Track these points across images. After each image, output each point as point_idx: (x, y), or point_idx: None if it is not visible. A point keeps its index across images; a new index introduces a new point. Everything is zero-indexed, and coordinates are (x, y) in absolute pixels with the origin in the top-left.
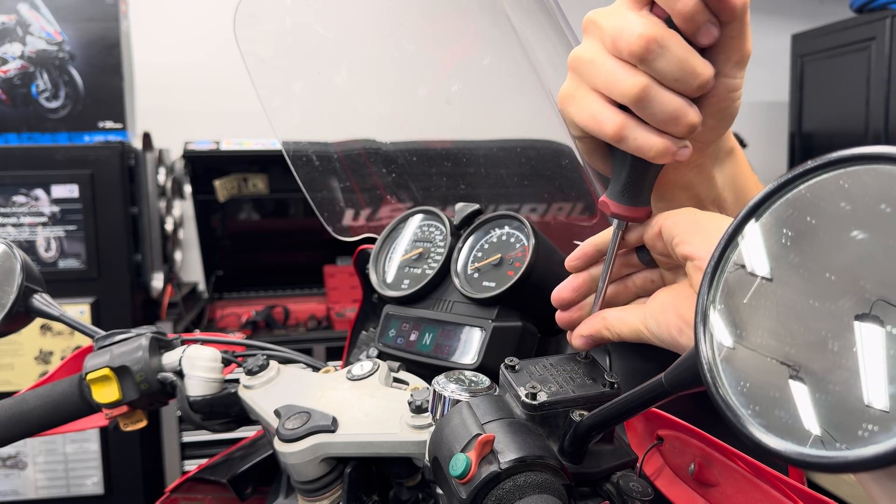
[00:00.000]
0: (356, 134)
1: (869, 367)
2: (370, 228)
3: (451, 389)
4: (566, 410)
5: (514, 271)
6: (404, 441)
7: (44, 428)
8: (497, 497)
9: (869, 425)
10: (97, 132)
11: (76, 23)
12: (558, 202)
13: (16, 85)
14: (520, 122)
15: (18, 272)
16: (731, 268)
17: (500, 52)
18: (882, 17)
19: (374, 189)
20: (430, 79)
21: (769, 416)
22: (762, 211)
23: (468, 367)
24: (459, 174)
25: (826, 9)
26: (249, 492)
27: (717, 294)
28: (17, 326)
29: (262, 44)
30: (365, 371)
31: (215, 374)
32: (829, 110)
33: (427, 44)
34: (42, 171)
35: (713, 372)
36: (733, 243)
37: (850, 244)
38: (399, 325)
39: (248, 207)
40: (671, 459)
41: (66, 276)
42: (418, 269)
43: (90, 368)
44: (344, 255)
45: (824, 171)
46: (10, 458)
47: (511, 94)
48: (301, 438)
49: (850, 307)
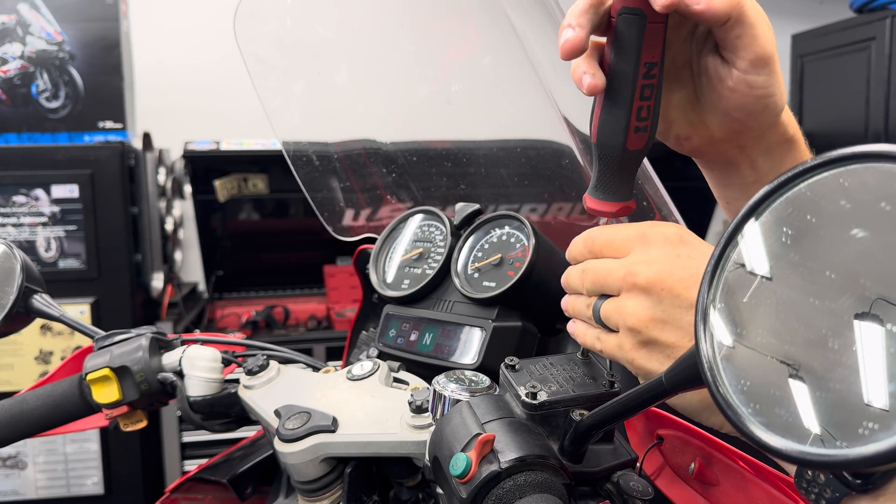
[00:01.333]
0: (356, 134)
1: (869, 366)
2: (370, 228)
3: (451, 389)
4: (566, 410)
5: (514, 271)
6: (404, 441)
7: (44, 428)
8: (497, 496)
9: (869, 423)
10: (97, 132)
11: (76, 23)
12: (558, 202)
13: (16, 85)
14: (520, 122)
15: (18, 272)
16: (731, 267)
17: (500, 52)
18: (882, 17)
19: (374, 189)
20: (431, 79)
21: (769, 414)
22: (762, 210)
23: (468, 366)
24: (459, 174)
25: (826, 9)
26: (249, 492)
27: (718, 293)
28: (17, 327)
29: (262, 44)
30: (365, 371)
31: (215, 375)
32: (829, 110)
33: (427, 44)
34: (42, 171)
35: (713, 371)
36: (733, 242)
37: (850, 242)
38: (399, 325)
39: (248, 207)
40: (671, 459)
41: (66, 276)
42: (418, 269)
43: (90, 369)
44: (344, 255)
45: (824, 170)
46: (10, 458)
47: (511, 94)
48: (301, 438)
49: (849, 305)
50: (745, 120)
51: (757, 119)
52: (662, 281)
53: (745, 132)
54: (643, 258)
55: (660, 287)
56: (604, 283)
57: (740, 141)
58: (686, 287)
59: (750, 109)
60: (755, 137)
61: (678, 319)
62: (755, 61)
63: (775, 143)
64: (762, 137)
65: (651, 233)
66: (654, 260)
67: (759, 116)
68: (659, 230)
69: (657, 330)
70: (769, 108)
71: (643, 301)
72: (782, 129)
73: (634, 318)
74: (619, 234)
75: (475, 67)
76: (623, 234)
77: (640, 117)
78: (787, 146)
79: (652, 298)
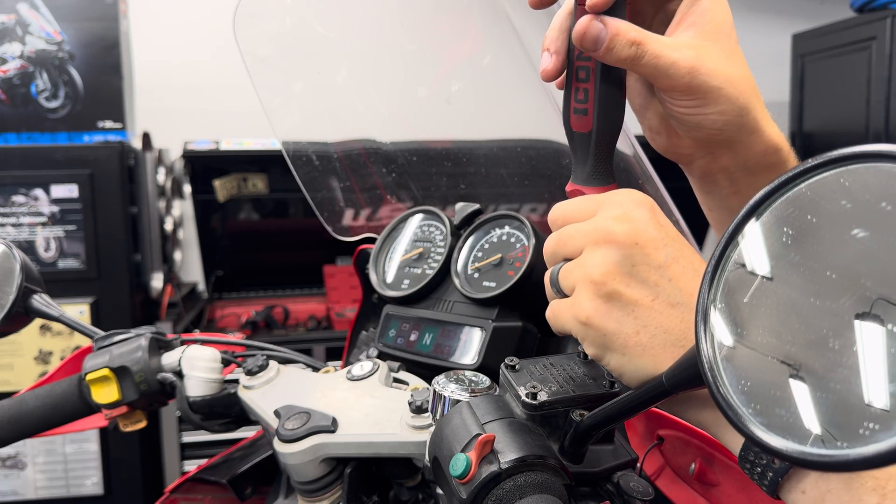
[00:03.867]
0: (356, 134)
1: (869, 366)
2: (370, 228)
3: (451, 389)
4: (566, 410)
5: (514, 271)
6: (404, 441)
7: (43, 428)
8: (497, 497)
9: (870, 424)
10: (97, 132)
11: (76, 22)
12: (558, 202)
13: (15, 85)
14: (520, 122)
15: (18, 273)
16: (732, 267)
17: (500, 51)
18: (882, 17)
19: (374, 189)
20: (431, 78)
21: (770, 414)
22: (762, 210)
23: (468, 367)
24: (459, 174)
25: (826, 9)
26: (249, 492)
27: (718, 293)
28: (17, 327)
29: (262, 44)
30: (365, 371)
31: (215, 375)
32: (830, 110)
33: (427, 43)
34: (41, 170)
35: (714, 371)
36: (733, 242)
37: (850, 242)
38: (399, 325)
39: (248, 207)
40: (672, 459)
41: (66, 276)
42: (418, 269)
43: (90, 369)
44: (344, 255)
45: (825, 170)
46: (10, 458)
47: (511, 94)
48: (301, 439)
49: (850, 305)
50: (688, 132)
51: (695, 133)
52: (636, 236)
53: (712, 146)
54: (613, 215)
55: (632, 242)
56: (566, 243)
57: (709, 150)
58: (656, 248)
59: (682, 122)
60: (724, 151)
61: (646, 278)
62: (664, 92)
63: (752, 158)
64: (733, 152)
65: (622, 194)
66: (626, 218)
67: (696, 131)
68: (632, 195)
69: (622, 284)
70: (702, 125)
71: (609, 254)
72: (757, 145)
73: (597, 269)
74: (586, 199)
75: (475, 67)
76: (591, 198)
77: (578, 99)
78: (766, 161)
79: (621, 252)
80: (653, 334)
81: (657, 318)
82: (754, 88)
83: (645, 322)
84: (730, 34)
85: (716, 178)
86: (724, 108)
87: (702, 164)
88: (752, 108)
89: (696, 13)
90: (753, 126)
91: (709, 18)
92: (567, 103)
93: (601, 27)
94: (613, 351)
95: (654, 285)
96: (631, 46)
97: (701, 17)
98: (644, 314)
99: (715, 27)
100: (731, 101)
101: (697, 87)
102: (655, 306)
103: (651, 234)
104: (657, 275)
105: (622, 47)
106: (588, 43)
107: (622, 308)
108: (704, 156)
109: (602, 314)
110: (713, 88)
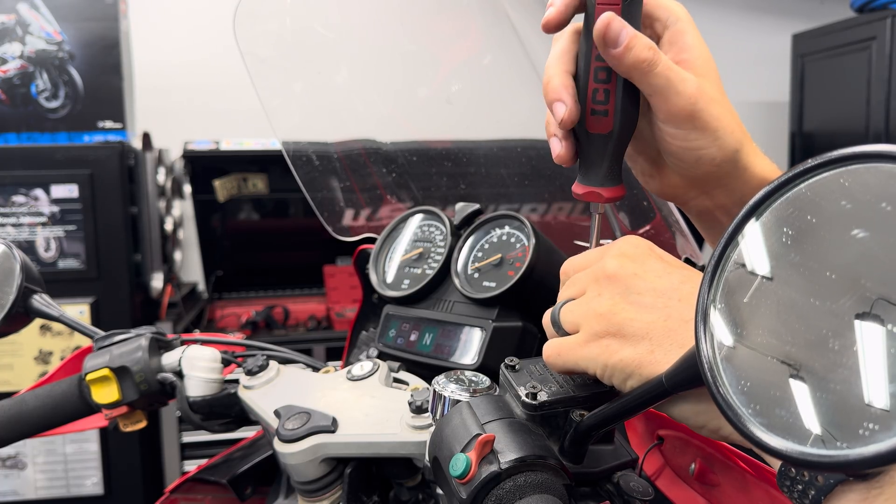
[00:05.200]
0: (356, 134)
1: (869, 366)
2: (370, 228)
3: (451, 389)
4: (566, 410)
5: (514, 271)
6: (404, 441)
7: (43, 428)
8: (497, 497)
9: (870, 424)
10: (97, 132)
11: (76, 22)
12: (558, 202)
13: (15, 85)
14: (520, 122)
15: (18, 273)
16: (732, 267)
17: (500, 51)
18: (882, 17)
19: (374, 189)
20: (431, 78)
21: (770, 415)
22: (762, 210)
23: (468, 367)
24: (459, 174)
25: (826, 9)
26: (249, 492)
27: (718, 293)
28: (17, 327)
29: (262, 44)
30: (365, 371)
31: (215, 375)
32: (830, 110)
33: (427, 43)
34: (41, 171)
35: (714, 371)
36: (733, 242)
37: (850, 243)
38: (399, 326)
39: (248, 207)
40: (672, 459)
41: (66, 276)
42: (418, 269)
43: (90, 369)
44: (344, 255)
45: (825, 170)
46: (10, 458)
47: (511, 94)
48: (301, 439)
49: (850, 306)
50: (686, 169)
51: (693, 171)
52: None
53: (707, 185)
54: (613, 254)
55: (632, 274)
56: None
57: (705, 189)
58: (659, 276)
59: (681, 158)
60: (720, 191)
61: (652, 304)
62: (669, 116)
63: (748, 194)
64: (728, 190)
65: (622, 240)
66: (624, 255)
67: (695, 168)
68: (631, 239)
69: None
70: (702, 160)
71: (613, 287)
72: (752, 180)
73: (603, 303)
74: (592, 251)
75: (475, 67)
76: (596, 249)
77: (597, 100)
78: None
79: (624, 284)
80: (667, 350)
81: (671, 335)
82: (742, 126)
83: (660, 341)
84: (717, 73)
85: (714, 216)
86: (723, 142)
87: (697, 204)
88: (745, 144)
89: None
90: (746, 162)
91: (697, 54)
92: (583, 105)
93: (624, 24)
94: (633, 377)
95: (663, 308)
96: (649, 50)
97: (689, 52)
98: (658, 334)
99: (704, 62)
100: (729, 136)
101: (699, 116)
102: (669, 325)
103: (651, 266)
104: (664, 299)
105: (642, 48)
106: (610, 39)
107: (633, 335)
108: (699, 195)
109: (616, 344)
110: (714, 119)
